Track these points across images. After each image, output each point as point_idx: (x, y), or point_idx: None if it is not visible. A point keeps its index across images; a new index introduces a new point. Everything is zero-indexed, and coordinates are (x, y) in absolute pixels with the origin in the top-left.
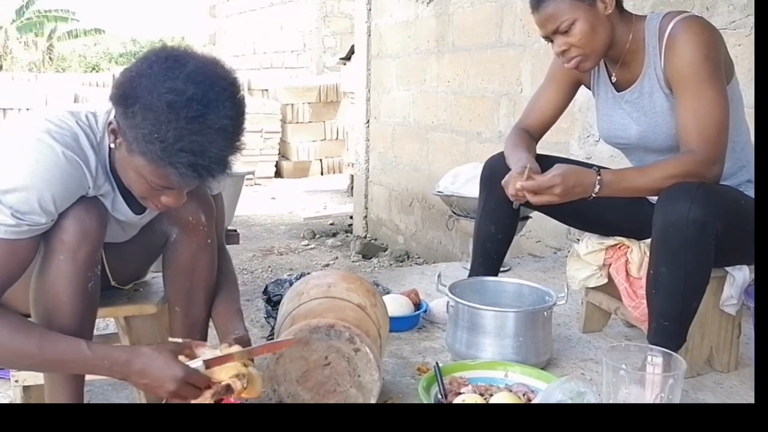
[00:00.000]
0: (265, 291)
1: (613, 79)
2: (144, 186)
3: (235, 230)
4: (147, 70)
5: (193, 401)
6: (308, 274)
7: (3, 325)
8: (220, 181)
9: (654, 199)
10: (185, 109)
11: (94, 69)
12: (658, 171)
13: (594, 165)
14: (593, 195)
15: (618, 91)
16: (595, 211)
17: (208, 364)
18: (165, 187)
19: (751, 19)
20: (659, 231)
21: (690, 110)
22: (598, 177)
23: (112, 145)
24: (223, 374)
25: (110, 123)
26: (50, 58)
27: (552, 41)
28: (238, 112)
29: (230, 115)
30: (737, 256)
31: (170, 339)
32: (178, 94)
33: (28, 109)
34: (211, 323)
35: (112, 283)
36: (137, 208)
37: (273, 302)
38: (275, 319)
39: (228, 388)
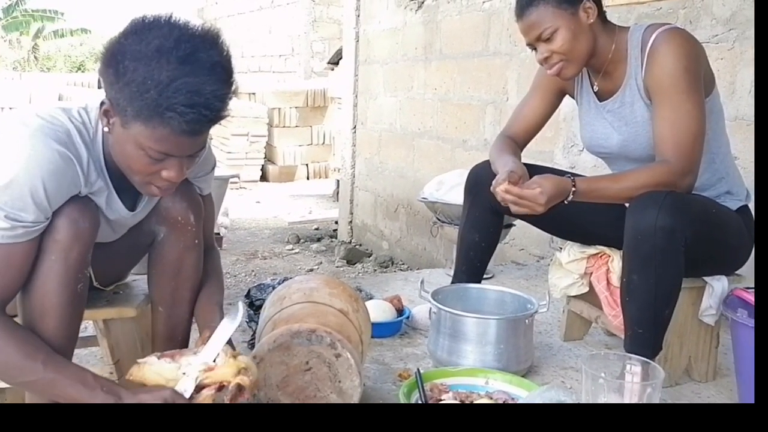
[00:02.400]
0: (248, 295)
1: (596, 88)
2: (144, 160)
3: (219, 233)
4: (131, 29)
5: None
6: (291, 278)
7: (9, 339)
8: (208, 181)
9: None
10: (174, 49)
11: (79, 69)
12: (631, 180)
13: (568, 173)
14: (565, 202)
15: (600, 101)
16: (578, 221)
17: (199, 385)
18: (165, 153)
19: (734, 33)
20: (629, 239)
21: (667, 121)
22: (573, 189)
23: (106, 129)
24: (223, 373)
25: (102, 104)
26: (35, 57)
27: (535, 49)
28: (225, 56)
29: (219, 55)
30: (713, 266)
31: (151, 355)
32: (165, 38)
33: (11, 108)
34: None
35: (95, 283)
36: (130, 204)
37: (255, 306)
38: (257, 323)
39: (240, 388)
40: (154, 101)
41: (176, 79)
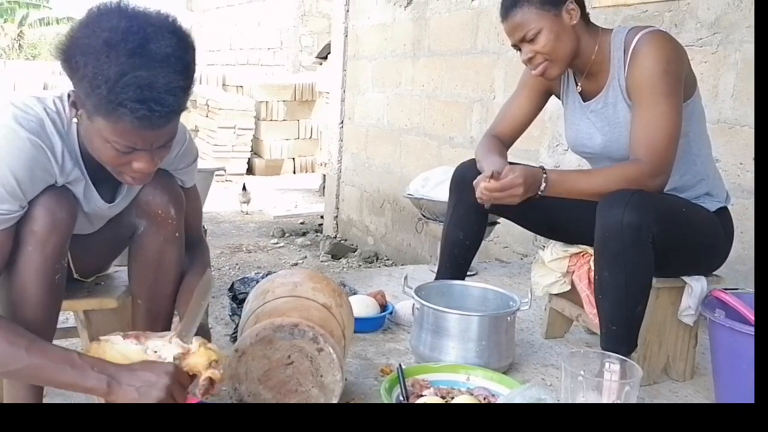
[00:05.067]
0: (231, 288)
1: (580, 89)
2: (112, 152)
3: (203, 226)
4: (84, 20)
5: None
6: (275, 272)
7: None
8: (191, 173)
9: None
10: (123, 42)
11: None
12: (602, 176)
13: (539, 166)
14: (539, 194)
15: (584, 101)
16: (560, 219)
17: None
18: (131, 147)
19: (718, 37)
20: (599, 236)
21: (642, 121)
22: (544, 175)
23: (75, 120)
24: (195, 363)
25: (69, 96)
26: (20, 45)
27: (520, 49)
28: (181, 45)
29: (173, 45)
30: (688, 265)
31: (115, 334)
32: (114, 30)
33: None
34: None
35: (75, 275)
36: (108, 196)
37: (238, 300)
38: (240, 317)
39: (211, 382)
40: (105, 97)
41: (125, 74)
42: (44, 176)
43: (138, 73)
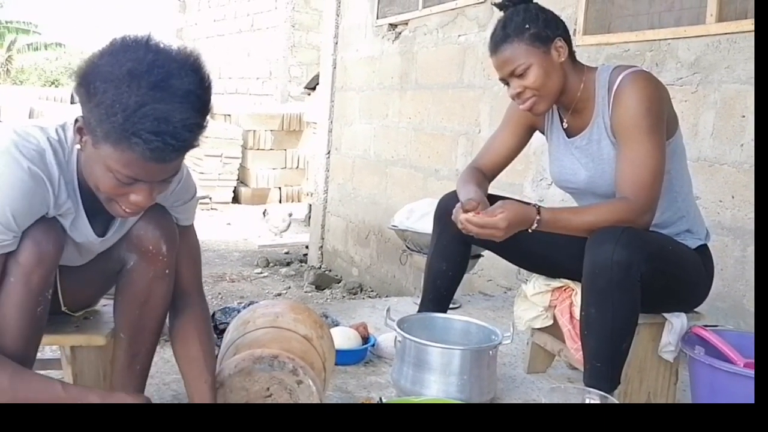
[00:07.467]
0: (212, 318)
1: (565, 125)
2: (112, 182)
3: None
4: (107, 49)
5: None
6: (257, 302)
7: None
8: (188, 211)
9: None
10: (147, 74)
11: (53, 83)
12: (592, 214)
13: (533, 204)
14: (529, 230)
15: (569, 137)
16: (543, 253)
17: None
18: (133, 178)
19: (697, 77)
20: (587, 273)
21: (627, 159)
22: (538, 217)
23: (78, 146)
24: None
25: (76, 121)
26: (8, 70)
27: (508, 84)
28: (202, 84)
29: (194, 83)
30: (671, 303)
31: None
32: (139, 61)
33: None
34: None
35: (63, 308)
36: (100, 229)
37: (219, 330)
38: (219, 347)
39: None
40: (120, 125)
41: (144, 105)
42: (40, 208)
43: (157, 106)
